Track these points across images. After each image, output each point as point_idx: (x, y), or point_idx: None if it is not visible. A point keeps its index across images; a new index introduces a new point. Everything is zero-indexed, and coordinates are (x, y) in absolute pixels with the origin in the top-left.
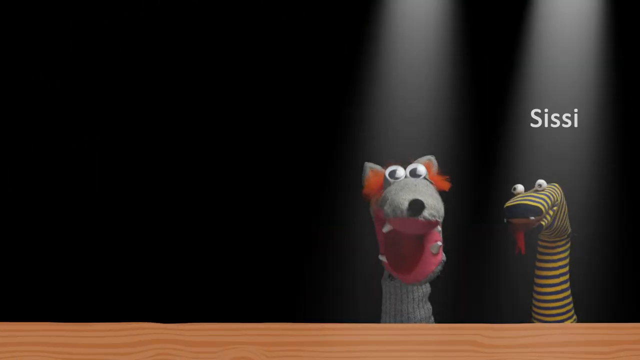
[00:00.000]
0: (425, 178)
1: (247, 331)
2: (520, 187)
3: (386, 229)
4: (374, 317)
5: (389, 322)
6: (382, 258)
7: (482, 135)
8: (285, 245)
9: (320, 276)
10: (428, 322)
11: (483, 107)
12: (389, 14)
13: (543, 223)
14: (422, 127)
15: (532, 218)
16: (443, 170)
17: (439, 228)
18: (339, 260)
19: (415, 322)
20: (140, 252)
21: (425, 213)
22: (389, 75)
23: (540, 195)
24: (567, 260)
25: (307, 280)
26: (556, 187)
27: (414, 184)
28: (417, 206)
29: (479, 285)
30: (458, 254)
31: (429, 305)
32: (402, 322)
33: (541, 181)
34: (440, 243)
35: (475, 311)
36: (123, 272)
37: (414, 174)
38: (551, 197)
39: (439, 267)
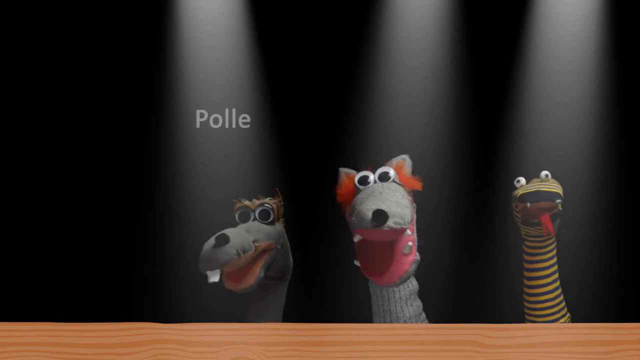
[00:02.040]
0: (394, 181)
1: (247, 331)
2: (523, 180)
3: (356, 238)
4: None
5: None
6: (357, 263)
7: (481, 135)
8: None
9: (320, 276)
10: (418, 318)
11: (483, 106)
12: (389, 14)
13: (560, 208)
14: (422, 127)
15: (559, 201)
16: (443, 170)
17: (409, 232)
18: (339, 261)
19: (404, 320)
20: (140, 252)
21: (390, 222)
22: (388, 75)
23: (553, 184)
24: (556, 259)
25: (306, 280)
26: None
27: (379, 190)
28: (381, 217)
29: (479, 285)
30: (458, 254)
31: (418, 302)
32: (391, 321)
33: (547, 172)
34: (411, 243)
35: (475, 311)
36: (123, 272)
37: (382, 177)
38: (561, 188)
39: (413, 267)
